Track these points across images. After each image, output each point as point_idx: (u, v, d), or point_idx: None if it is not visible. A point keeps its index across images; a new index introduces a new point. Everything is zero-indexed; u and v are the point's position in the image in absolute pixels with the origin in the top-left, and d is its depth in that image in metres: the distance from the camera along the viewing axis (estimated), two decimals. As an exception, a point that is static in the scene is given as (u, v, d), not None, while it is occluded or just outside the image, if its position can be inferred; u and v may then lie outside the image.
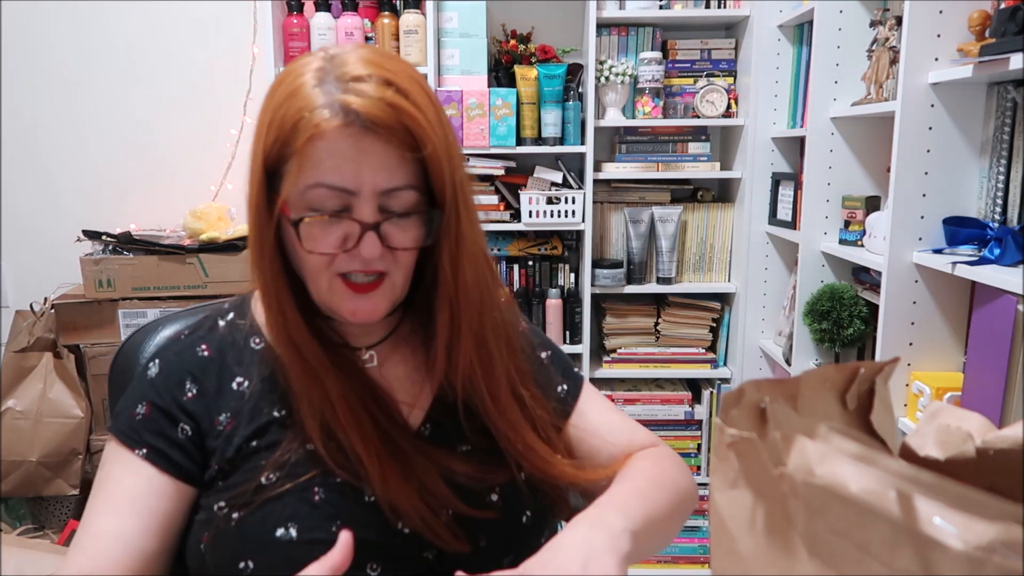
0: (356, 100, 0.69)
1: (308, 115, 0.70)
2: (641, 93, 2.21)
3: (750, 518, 0.40)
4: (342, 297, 0.76)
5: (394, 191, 0.73)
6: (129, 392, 0.82)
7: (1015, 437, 0.35)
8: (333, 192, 0.71)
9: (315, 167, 0.71)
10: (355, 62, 0.72)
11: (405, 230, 0.75)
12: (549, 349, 0.95)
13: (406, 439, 0.79)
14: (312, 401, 0.77)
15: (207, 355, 0.82)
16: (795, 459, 0.37)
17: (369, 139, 0.70)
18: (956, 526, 0.31)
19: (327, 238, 0.73)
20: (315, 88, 0.71)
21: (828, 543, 0.36)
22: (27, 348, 2.18)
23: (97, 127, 2.38)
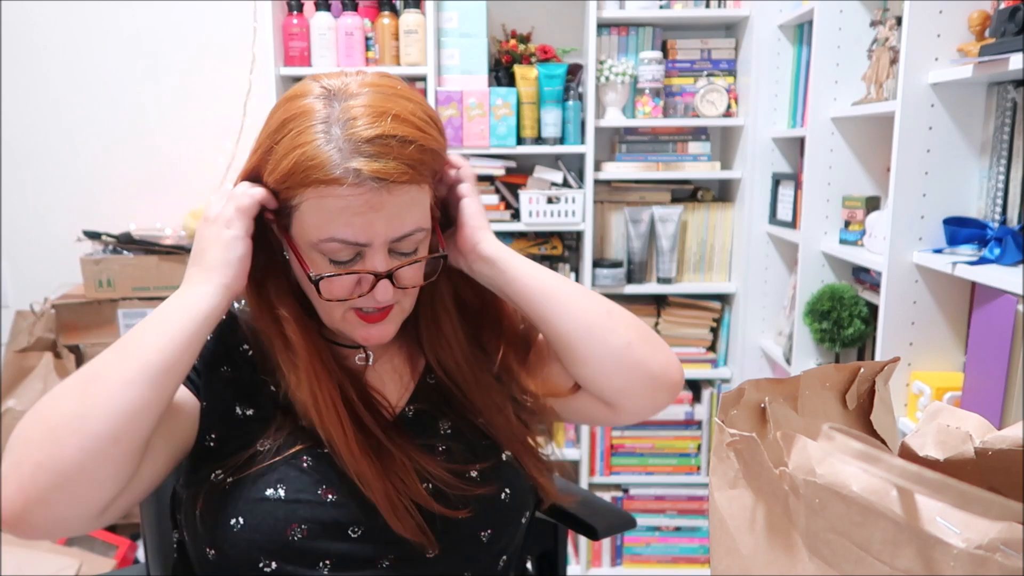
0: (367, 165, 0.72)
1: (319, 174, 0.72)
2: (641, 93, 2.21)
3: (750, 518, 0.40)
4: (354, 326, 0.82)
5: (404, 238, 0.77)
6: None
7: (1014, 437, 0.35)
8: (347, 247, 0.76)
9: (328, 222, 0.74)
10: (362, 115, 0.74)
11: (415, 270, 0.81)
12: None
13: (386, 433, 0.82)
14: (298, 384, 0.80)
15: (224, 319, 0.87)
16: (795, 458, 0.37)
17: (381, 195, 0.74)
18: (958, 525, 0.31)
19: (343, 286, 0.78)
20: (323, 140, 0.73)
21: (829, 542, 0.36)
22: (27, 348, 2.17)
23: (97, 127, 2.38)
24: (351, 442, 0.78)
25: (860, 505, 0.34)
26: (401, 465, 0.80)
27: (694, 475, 2.36)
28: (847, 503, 0.35)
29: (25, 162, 2.38)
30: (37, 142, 2.38)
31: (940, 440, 0.40)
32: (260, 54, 2.24)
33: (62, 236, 2.28)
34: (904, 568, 0.33)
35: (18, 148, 2.38)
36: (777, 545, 0.39)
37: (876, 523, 0.34)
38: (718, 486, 0.42)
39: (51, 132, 2.37)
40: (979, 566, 0.30)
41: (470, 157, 2.18)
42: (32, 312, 2.21)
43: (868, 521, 0.34)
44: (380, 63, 2.14)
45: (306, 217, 0.76)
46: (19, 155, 2.38)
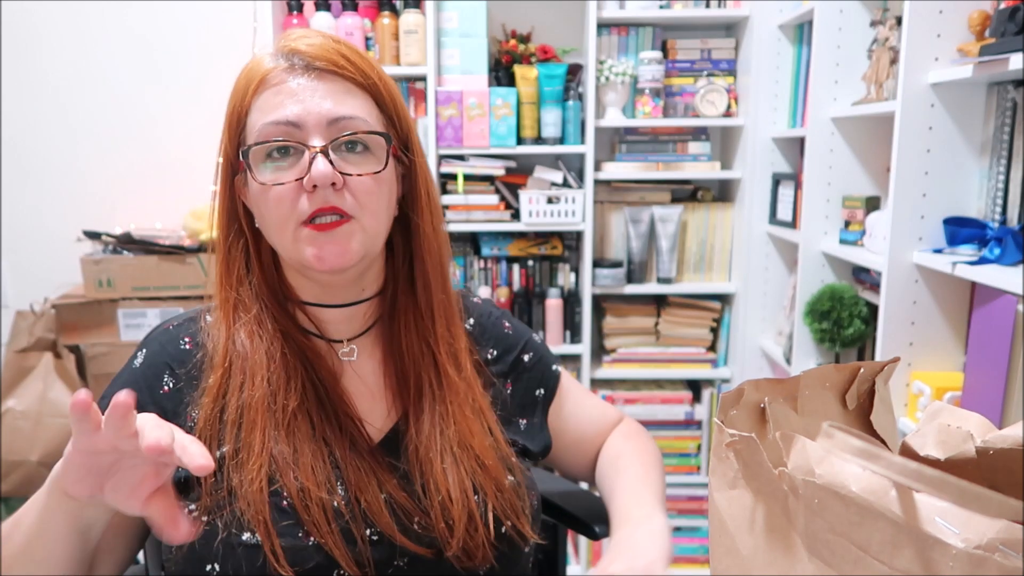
0: (299, 44, 0.75)
1: (255, 68, 0.76)
2: (641, 93, 2.21)
3: (750, 518, 0.40)
4: (307, 242, 0.75)
5: (342, 120, 0.75)
6: (116, 377, 0.84)
7: (1015, 437, 0.35)
8: (279, 127, 0.74)
9: (264, 113, 0.75)
10: (295, 32, 0.78)
11: (359, 163, 0.77)
12: (531, 350, 0.98)
13: (361, 455, 0.79)
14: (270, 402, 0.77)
15: (187, 348, 0.82)
16: (795, 459, 0.37)
17: (311, 74, 0.75)
18: (957, 524, 0.31)
19: (282, 175, 0.75)
20: (264, 55, 0.78)
21: (828, 542, 0.36)
22: (27, 348, 2.17)
23: (97, 127, 2.38)
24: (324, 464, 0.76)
25: (859, 505, 0.34)
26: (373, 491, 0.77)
27: (694, 475, 2.36)
28: (846, 503, 0.35)
29: (25, 162, 2.38)
30: (37, 142, 2.38)
31: (941, 440, 0.40)
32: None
33: (62, 236, 2.28)
34: (903, 568, 0.33)
35: (18, 148, 2.38)
36: (776, 545, 0.39)
37: (875, 523, 0.34)
38: (718, 486, 0.42)
39: (51, 132, 2.38)
40: (978, 566, 0.30)
41: (470, 157, 2.18)
42: (32, 312, 2.21)
43: (867, 521, 0.34)
44: (380, 63, 2.14)
45: (248, 133, 0.77)
46: (19, 155, 2.38)
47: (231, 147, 0.79)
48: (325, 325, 0.85)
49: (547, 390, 0.98)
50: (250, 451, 0.75)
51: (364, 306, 0.86)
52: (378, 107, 0.79)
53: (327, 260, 0.76)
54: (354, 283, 0.83)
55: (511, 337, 0.97)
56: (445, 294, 0.87)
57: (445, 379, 0.85)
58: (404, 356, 0.84)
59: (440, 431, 0.82)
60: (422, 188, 0.83)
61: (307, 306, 0.84)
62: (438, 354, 0.85)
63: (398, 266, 0.85)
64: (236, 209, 0.81)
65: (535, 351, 0.98)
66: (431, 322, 0.85)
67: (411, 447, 0.82)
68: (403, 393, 0.85)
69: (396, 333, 0.85)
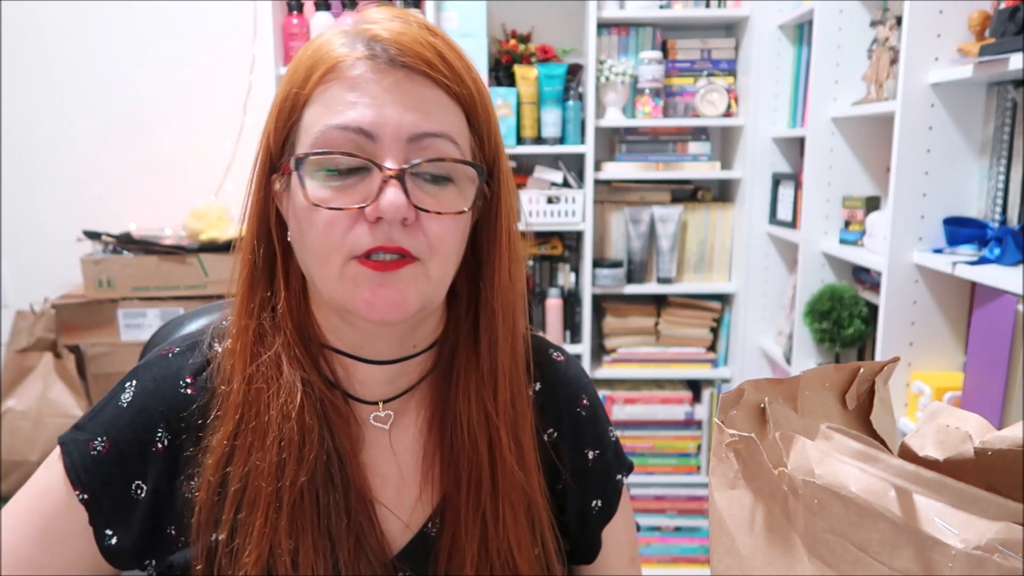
0: (383, 31, 0.59)
1: (325, 52, 0.59)
2: (641, 93, 2.21)
3: (750, 518, 0.40)
4: (357, 281, 0.59)
5: (426, 138, 0.59)
6: (99, 405, 0.67)
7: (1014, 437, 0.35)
8: (347, 134, 0.58)
9: (329, 110, 0.58)
10: (377, 11, 0.62)
11: (440, 198, 0.60)
12: (599, 446, 0.77)
13: (372, 565, 0.64)
14: (278, 474, 0.62)
15: (189, 394, 0.66)
16: (795, 459, 0.37)
17: (395, 73, 0.58)
18: (956, 525, 0.31)
19: (340, 197, 0.58)
20: (337, 34, 0.61)
21: (828, 543, 0.36)
22: (27, 348, 2.18)
23: (97, 127, 2.38)
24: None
25: (858, 506, 0.34)
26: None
27: (694, 475, 2.36)
28: (846, 504, 0.35)
29: (25, 162, 2.38)
30: (37, 142, 2.38)
31: (940, 440, 0.40)
32: (260, 54, 2.25)
33: (62, 236, 2.28)
34: (902, 568, 0.33)
35: (18, 148, 2.38)
36: (776, 545, 0.39)
37: (874, 524, 0.34)
38: (718, 486, 0.42)
39: (51, 132, 2.38)
40: (977, 567, 0.30)
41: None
42: (32, 312, 2.21)
43: (866, 522, 0.34)
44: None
45: (303, 128, 0.60)
46: (19, 155, 2.38)
47: (276, 139, 0.62)
48: (355, 380, 0.67)
49: (605, 504, 0.77)
50: (247, 537, 0.61)
51: (411, 363, 0.68)
52: (469, 124, 0.62)
53: (379, 308, 0.59)
54: (406, 335, 0.66)
55: (582, 422, 0.76)
56: (514, 359, 0.69)
57: (501, 467, 0.66)
58: (459, 431, 0.66)
59: (482, 538, 0.66)
60: (503, 227, 0.65)
61: (336, 354, 0.67)
62: (497, 435, 0.67)
63: (460, 316, 0.68)
64: (268, 214, 0.64)
65: (603, 449, 0.77)
66: (493, 391, 0.67)
67: (441, 558, 0.66)
68: (445, 479, 0.67)
69: (452, 400, 0.67)
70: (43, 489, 0.64)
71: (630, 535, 0.80)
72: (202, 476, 0.63)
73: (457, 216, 0.61)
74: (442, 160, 0.59)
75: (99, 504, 0.63)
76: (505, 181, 0.66)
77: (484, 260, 0.66)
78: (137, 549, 0.64)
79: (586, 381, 0.78)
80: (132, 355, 2.16)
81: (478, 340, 0.67)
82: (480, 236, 0.66)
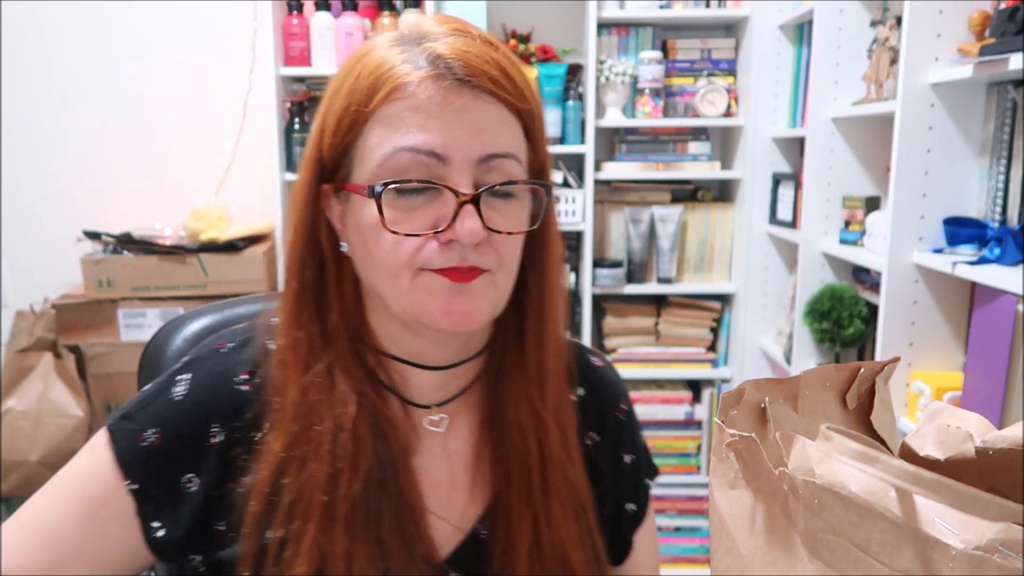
0: (445, 48, 0.58)
1: (388, 70, 0.58)
2: (641, 93, 2.21)
3: (750, 518, 0.40)
4: (432, 292, 0.59)
5: (494, 159, 0.59)
6: (149, 396, 0.66)
7: (1015, 437, 0.35)
8: (418, 157, 0.57)
9: (395, 131, 0.58)
10: (430, 22, 0.62)
11: (507, 214, 0.61)
12: (634, 451, 0.79)
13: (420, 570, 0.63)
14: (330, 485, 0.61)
15: (245, 391, 0.65)
16: (795, 459, 0.37)
17: (463, 94, 0.58)
18: (956, 526, 0.31)
19: (409, 217, 0.58)
20: (393, 46, 0.60)
21: (828, 543, 0.36)
22: (27, 348, 2.17)
23: (97, 127, 2.38)
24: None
25: (859, 506, 0.34)
26: None
27: (694, 475, 2.36)
28: (846, 504, 0.35)
29: (25, 162, 2.38)
30: (37, 142, 2.38)
31: (940, 440, 0.40)
32: (260, 54, 2.25)
33: (62, 236, 2.28)
34: (903, 569, 0.33)
35: (18, 148, 2.38)
36: (776, 545, 0.39)
37: (875, 524, 0.34)
38: (718, 486, 0.42)
39: (51, 132, 2.38)
40: (977, 567, 0.30)
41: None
42: (32, 312, 2.21)
43: (867, 522, 0.34)
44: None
45: (367, 147, 0.59)
46: (19, 155, 2.38)
47: (332, 153, 0.62)
48: (410, 385, 0.68)
49: (639, 507, 0.79)
50: (299, 546, 0.61)
51: (463, 368, 0.69)
52: (526, 135, 0.63)
53: (454, 319, 0.59)
54: (466, 342, 0.68)
55: (621, 426, 0.78)
56: (558, 358, 0.70)
57: (551, 464, 0.67)
58: (510, 431, 0.67)
59: (534, 536, 0.66)
60: (550, 232, 0.67)
61: (391, 359, 0.67)
62: (546, 432, 0.67)
63: (508, 318, 0.68)
64: (316, 223, 0.64)
65: (637, 454, 0.79)
66: (540, 390, 0.68)
67: (495, 560, 0.66)
68: (495, 480, 0.68)
69: (501, 401, 0.68)
70: (90, 474, 0.64)
71: (654, 540, 0.82)
72: (255, 485, 0.62)
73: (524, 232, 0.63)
74: (515, 182, 0.60)
75: (148, 495, 0.63)
76: (551, 189, 0.67)
77: (532, 263, 0.67)
78: (183, 543, 0.64)
79: (623, 386, 0.80)
80: (132, 355, 2.16)
81: (524, 340, 0.68)
82: (530, 240, 0.67)
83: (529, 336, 0.67)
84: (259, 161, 2.33)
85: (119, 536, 0.63)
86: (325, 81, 2.23)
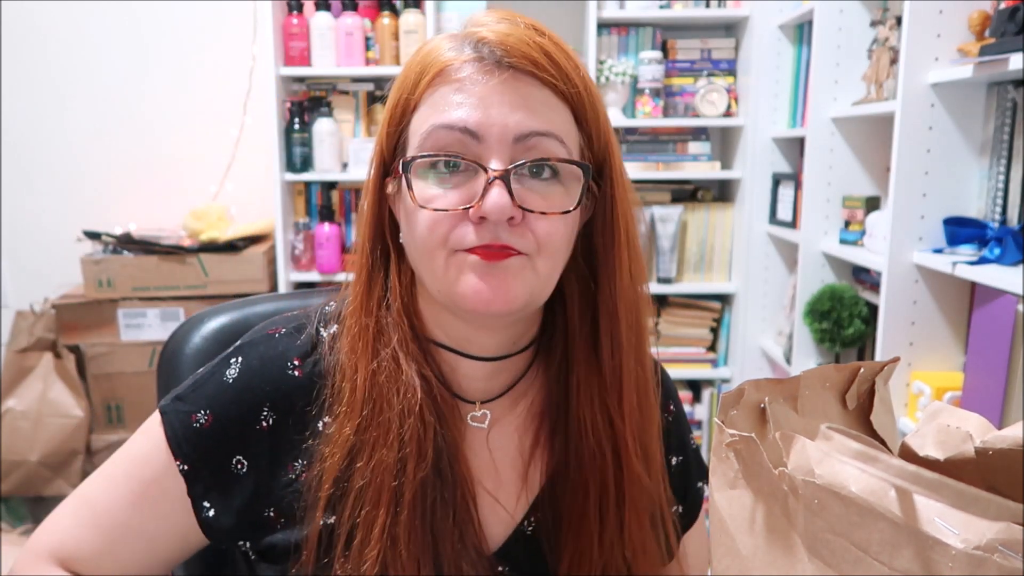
0: (489, 33, 0.59)
1: (434, 57, 0.60)
2: (641, 93, 2.21)
3: (750, 518, 0.40)
4: (462, 269, 0.59)
5: (532, 137, 0.59)
6: (201, 378, 0.67)
7: (1015, 437, 0.35)
8: (452, 133, 0.58)
9: (436, 111, 0.59)
10: (484, 15, 0.63)
11: (545, 195, 0.60)
12: (681, 452, 0.78)
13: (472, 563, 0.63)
14: (398, 470, 0.62)
15: (297, 376, 0.66)
16: (795, 459, 0.37)
17: (504, 75, 0.58)
18: (956, 526, 0.31)
19: (445, 196, 0.59)
20: (444, 39, 0.62)
21: (828, 543, 0.36)
22: (27, 348, 2.18)
23: (97, 127, 2.38)
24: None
25: (858, 505, 0.34)
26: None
27: (694, 475, 2.35)
28: (846, 503, 0.35)
29: (25, 162, 2.39)
30: (38, 142, 2.38)
31: (940, 440, 0.40)
32: (260, 54, 2.25)
33: (62, 236, 2.28)
34: (902, 568, 0.33)
35: (19, 148, 2.38)
36: (776, 545, 0.39)
37: (875, 524, 0.34)
38: (718, 486, 0.42)
39: (52, 132, 2.38)
40: (977, 567, 0.30)
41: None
42: (32, 312, 2.21)
43: (867, 522, 0.34)
44: (380, 63, 2.14)
45: (413, 132, 0.61)
46: (19, 155, 2.38)
47: (388, 144, 0.64)
48: (458, 377, 0.68)
49: (687, 510, 0.77)
50: (369, 532, 0.61)
51: (509, 362, 0.68)
52: (577, 122, 0.63)
53: (485, 297, 0.59)
54: (509, 331, 0.66)
55: (669, 427, 0.76)
56: (640, 365, 0.68)
57: (628, 474, 0.66)
58: (584, 437, 0.65)
59: (607, 546, 0.65)
60: (620, 226, 0.66)
61: (441, 349, 0.67)
62: (624, 441, 0.66)
63: (573, 322, 0.67)
64: (383, 216, 0.66)
65: (686, 456, 0.78)
66: (618, 396, 0.66)
67: (559, 562, 0.66)
68: (551, 479, 0.67)
69: (571, 405, 0.66)
70: (142, 455, 0.65)
71: (703, 547, 0.80)
72: (326, 471, 0.62)
73: (564, 215, 0.61)
74: (547, 160, 0.59)
75: (199, 475, 0.64)
76: (618, 179, 0.66)
77: (601, 261, 0.66)
78: (232, 527, 0.65)
79: (674, 388, 0.79)
80: (132, 355, 2.16)
81: (599, 345, 0.66)
82: (595, 236, 0.66)
83: (603, 338, 0.66)
84: (259, 161, 2.33)
85: (171, 516, 0.65)
86: (325, 81, 2.24)
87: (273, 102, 2.10)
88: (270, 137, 2.12)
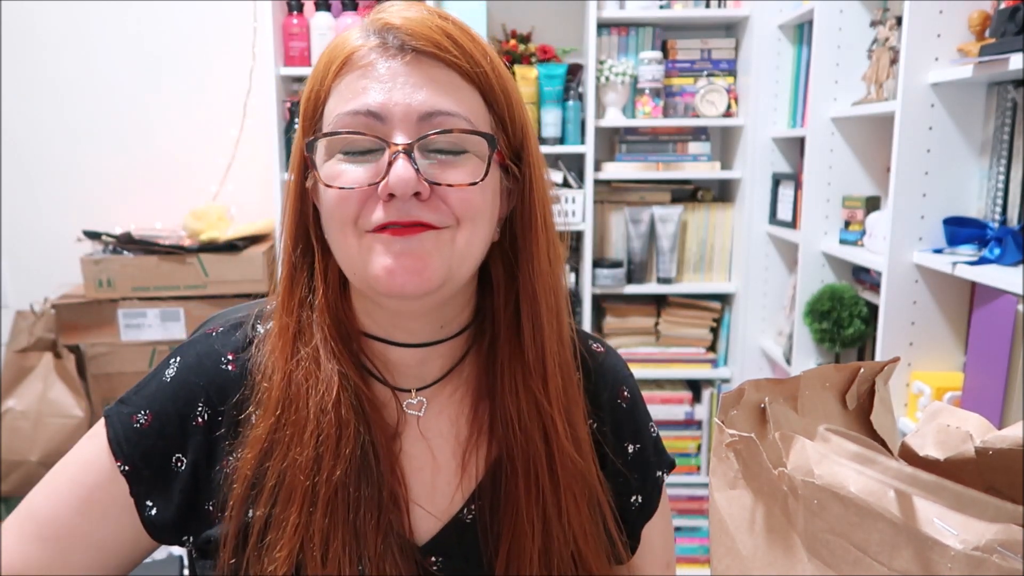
0: (394, 18, 0.60)
1: (341, 46, 0.61)
2: (641, 93, 2.21)
3: (750, 518, 0.40)
4: (375, 251, 0.59)
5: (436, 116, 0.59)
6: (144, 381, 0.68)
7: (1014, 437, 0.35)
8: (358, 118, 0.58)
9: (344, 99, 0.59)
10: (393, 4, 0.64)
11: (455, 167, 0.60)
12: (639, 440, 0.76)
13: (395, 561, 0.62)
14: (313, 469, 0.62)
15: (230, 371, 0.67)
16: (794, 459, 0.37)
17: (409, 59, 0.59)
18: (955, 526, 0.31)
19: (351, 173, 0.59)
20: (353, 28, 0.63)
21: (827, 543, 0.36)
22: (27, 348, 2.18)
23: (97, 127, 2.38)
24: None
25: (858, 506, 0.34)
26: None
27: (694, 475, 2.36)
28: (845, 504, 0.35)
29: (25, 162, 2.38)
30: (38, 142, 2.38)
31: (940, 440, 0.40)
32: (260, 54, 2.25)
33: (62, 236, 2.28)
34: (902, 569, 0.33)
35: (19, 148, 2.38)
36: (776, 545, 0.39)
37: (874, 524, 0.34)
38: (718, 486, 0.42)
39: (52, 132, 2.37)
40: (976, 567, 0.30)
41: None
42: (32, 312, 2.21)
43: (866, 522, 0.34)
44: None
45: (325, 121, 0.61)
46: (20, 155, 2.38)
47: (304, 135, 0.64)
48: (391, 367, 0.67)
49: (645, 500, 0.76)
50: (281, 531, 0.61)
51: (442, 348, 0.68)
52: (487, 105, 0.62)
53: (399, 277, 0.58)
54: (433, 315, 0.66)
55: (622, 414, 0.75)
56: (561, 345, 0.68)
57: (560, 458, 0.66)
58: (510, 425, 0.65)
59: (545, 534, 0.65)
60: (537, 210, 0.66)
61: (372, 340, 0.67)
62: (552, 425, 0.66)
63: (498, 307, 0.67)
64: (307, 214, 0.66)
65: (643, 443, 0.76)
66: (543, 380, 0.66)
67: (498, 552, 0.65)
68: (489, 470, 0.67)
69: (498, 393, 0.66)
70: (86, 460, 0.66)
71: (668, 537, 0.79)
72: (240, 469, 0.63)
73: (476, 186, 0.60)
74: (450, 130, 0.59)
75: (140, 475, 0.64)
76: (536, 166, 0.66)
77: (521, 247, 0.66)
78: (176, 523, 0.65)
79: (627, 373, 0.78)
80: (132, 355, 2.16)
81: (521, 330, 0.66)
82: (515, 223, 0.66)
83: (525, 323, 0.66)
84: (259, 161, 2.33)
85: (117, 520, 0.65)
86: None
87: (273, 102, 2.10)
88: (270, 137, 2.12)
